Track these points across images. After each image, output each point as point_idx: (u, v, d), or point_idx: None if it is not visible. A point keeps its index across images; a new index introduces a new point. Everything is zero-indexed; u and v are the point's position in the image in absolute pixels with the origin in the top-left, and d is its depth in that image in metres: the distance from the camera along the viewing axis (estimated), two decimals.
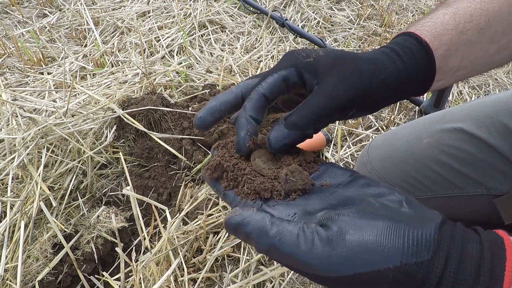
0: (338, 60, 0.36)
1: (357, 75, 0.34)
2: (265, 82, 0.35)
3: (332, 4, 1.62)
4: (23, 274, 0.69)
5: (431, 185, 0.67)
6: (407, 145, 0.70)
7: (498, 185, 0.60)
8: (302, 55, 0.37)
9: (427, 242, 0.25)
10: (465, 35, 0.38)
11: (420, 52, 0.36)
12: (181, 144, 0.91)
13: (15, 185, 0.77)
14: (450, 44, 0.37)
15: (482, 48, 0.39)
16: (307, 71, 0.35)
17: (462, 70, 0.39)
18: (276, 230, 0.27)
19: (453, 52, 0.38)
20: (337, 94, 0.34)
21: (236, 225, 0.28)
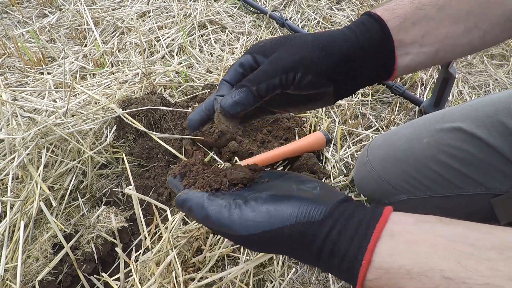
0: (284, 38, 0.39)
1: (298, 43, 0.38)
2: (227, 73, 0.41)
3: (332, 4, 1.62)
4: (23, 274, 0.69)
5: (430, 185, 0.67)
6: (407, 145, 0.70)
7: (497, 184, 0.60)
8: (256, 44, 0.42)
9: (320, 210, 0.32)
10: (421, 10, 0.39)
11: (371, 23, 0.38)
12: (181, 144, 0.91)
13: (15, 185, 0.77)
14: (405, 16, 0.39)
15: (445, 26, 0.39)
16: (259, 54, 0.40)
17: (428, 47, 0.40)
18: (209, 203, 0.35)
19: (410, 25, 0.39)
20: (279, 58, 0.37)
21: (182, 201, 0.37)
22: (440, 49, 0.41)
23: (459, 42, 0.41)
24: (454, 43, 0.41)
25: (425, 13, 0.39)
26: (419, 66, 0.41)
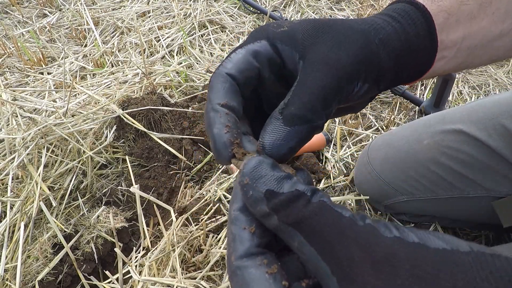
0: (321, 24, 0.28)
1: (351, 35, 0.27)
2: (229, 60, 0.27)
3: (332, 4, 1.62)
4: (23, 274, 0.69)
5: (431, 186, 0.67)
6: (407, 146, 0.70)
7: (498, 187, 0.60)
8: (273, 25, 0.29)
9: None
10: (465, 5, 0.33)
11: (418, 16, 0.31)
12: (181, 144, 0.91)
13: (15, 185, 0.77)
14: (449, 11, 0.32)
15: (484, 26, 0.34)
16: (283, 42, 0.27)
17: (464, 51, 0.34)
18: None
19: (454, 23, 0.33)
20: (338, 61, 0.25)
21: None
22: (472, 55, 0.35)
23: (492, 46, 0.36)
24: (487, 47, 0.36)
25: (469, 9, 0.33)
26: (443, 73, 0.36)
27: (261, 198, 0.21)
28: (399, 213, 0.82)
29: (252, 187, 0.21)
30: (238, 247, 0.21)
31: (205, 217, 0.79)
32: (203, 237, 0.75)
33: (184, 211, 0.81)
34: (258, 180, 0.21)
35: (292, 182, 0.21)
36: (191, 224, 0.78)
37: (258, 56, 0.27)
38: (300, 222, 0.19)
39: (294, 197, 0.20)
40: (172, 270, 0.71)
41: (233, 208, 0.23)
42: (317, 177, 0.90)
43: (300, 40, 0.27)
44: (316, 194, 0.21)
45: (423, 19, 0.31)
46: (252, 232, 0.21)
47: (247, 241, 0.21)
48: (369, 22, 0.29)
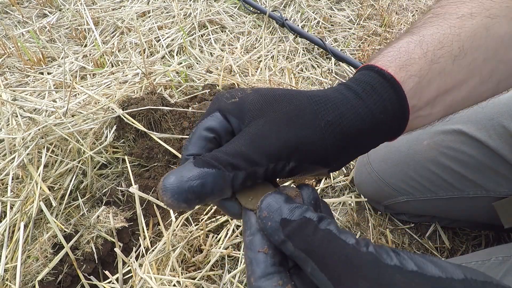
0: (270, 98, 0.29)
1: (293, 115, 0.27)
2: (188, 142, 0.29)
3: (332, 4, 1.62)
4: (23, 274, 0.69)
5: (430, 187, 0.67)
6: (407, 147, 0.70)
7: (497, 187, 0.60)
8: (226, 96, 0.31)
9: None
10: (436, 64, 0.32)
11: (386, 89, 0.29)
12: (181, 144, 0.91)
13: (15, 185, 0.77)
14: (420, 75, 0.31)
15: (461, 79, 0.33)
16: (231, 114, 0.29)
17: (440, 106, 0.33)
18: None
19: (426, 84, 0.31)
20: (265, 139, 0.26)
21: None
22: (452, 106, 0.34)
23: (472, 95, 0.35)
24: (467, 97, 0.34)
25: (440, 67, 0.32)
26: (422, 126, 0.34)
27: (278, 227, 0.23)
28: (399, 213, 0.82)
29: (270, 218, 0.24)
30: (255, 269, 0.23)
31: (205, 217, 0.79)
32: (203, 237, 0.75)
33: (184, 211, 0.81)
34: (274, 212, 0.24)
35: (302, 210, 0.24)
36: (191, 224, 0.78)
37: (212, 129, 0.29)
38: (310, 248, 0.22)
39: (303, 223, 0.23)
40: (172, 270, 0.71)
41: (247, 235, 0.25)
42: (317, 177, 0.90)
43: (246, 111, 0.29)
44: (323, 221, 0.23)
45: (392, 91, 0.29)
46: (265, 253, 0.24)
47: (262, 262, 0.23)
48: (323, 100, 0.28)
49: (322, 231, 0.22)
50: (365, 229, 0.83)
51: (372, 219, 0.84)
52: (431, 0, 1.75)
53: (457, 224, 0.81)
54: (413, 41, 0.32)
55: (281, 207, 0.24)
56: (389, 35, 1.45)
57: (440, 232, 0.82)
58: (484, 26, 0.33)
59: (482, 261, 0.53)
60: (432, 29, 0.33)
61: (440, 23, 0.34)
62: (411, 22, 1.55)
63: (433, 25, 0.34)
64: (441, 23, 0.34)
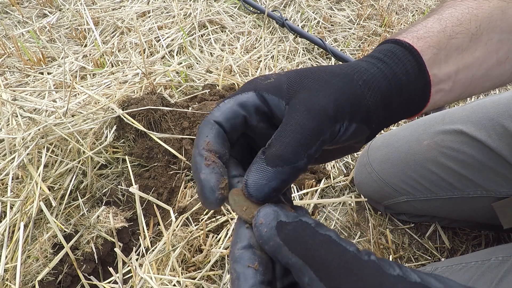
0: (305, 72, 0.30)
1: (332, 79, 0.28)
2: (217, 109, 0.28)
3: (332, 4, 1.62)
4: (23, 274, 0.69)
5: (431, 187, 0.67)
6: (407, 147, 0.70)
7: (497, 187, 0.60)
8: (261, 78, 0.31)
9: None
10: (454, 39, 0.33)
11: (405, 54, 0.31)
12: (181, 144, 0.91)
13: (15, 185, 0.77)
14: (438, 47, 0.32)
15: (478, 57, 0.34)
16: (270, 92, 0.29)
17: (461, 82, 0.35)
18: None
19: (443, 58, 0.33)
20: (317, 104, 0.27)
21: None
22: (472, 84, 0.35)
23: (491, 75, 0.36)
24: (486, 76, 0.36)
25: (458, 43, 0.33)
26: (446, 103, 0.36)
27: (274, 232, 0.22)
28: (399, 213, 0.82)
29: (266, 225, 0.23)
30: (242, 284, 0.22)
31: (205, 217, 0.79)
32: (203, 237, 0.75)
33: (184, 211, 0.81)
34: (270, 218, 0.23)
35: (298, 214, 0.23)
36: (191, 224, 0.78)
37: (245, 105, 0.28)
38: (308, 253, 0.21)
39: (300, 226, 0.22)
40: (172, 270, 0.71)
41: (237, 247, 0.24)
42: (317, 177, 0.90)
43: (286, 89, 0.29)
44: (321, 227, 0.22)
45: (411, 57, 0.31)
46: (255, 269, 0.22)
47: (250, 278, 0.22)
48: (353, 66, 0.30)
49: (321, 236, 0.21)
50: (365, 229, 0.83)
51: (372, 219, 0.84)
52: (431, 0, 1.75)
53: (457, 224, 0.81)
54: (431, 19, 0.34)
55: (278, 213, 0.23)
56: (389, 35, 1.45)
57: (440, 232, 0.82)
58: (500, 8, 0.35)
59: (482, 261, 0.53)
60: (450, 9, 0.35)
61: (458, 4, 0.35)
62: (411, 22, 1.55)
63: (452, 6, 0.35)
64: (459, 4, 0.35)
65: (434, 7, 1.70)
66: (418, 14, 1.63)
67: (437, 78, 0.33)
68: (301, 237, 0.21)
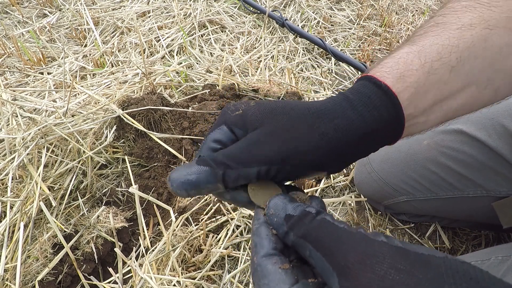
0: (270, 111, 0.32)
1: (289, 127, 0.30)
2: (200, 151, 0.33)
3: (332, 4, 1.62)
4: (23, 274, 0.69)
5: (430, 187, 0.67)
6: (407, 146, 0.70)
7: (497, 187, 0.60)
8: (231, 109, 0.34)
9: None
10: (434, 75, 0.33)
11: (382, 100, 0.31)
12: (181, 144, 0.91)
13: (15, 185, 0.77)
14: (417, 86, 0.32)
15: (458, 89, 0.34)
16: (236, 126, 0.33)
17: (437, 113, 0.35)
18: None
19: (422, 95, 0.33)
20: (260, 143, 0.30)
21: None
22: (448, 114, 0.35)
23: (469, 103, 0.36)
24: (463, 105, 0.35)
25: (437, 78, 0.33)
26: (418, 132, 0.36)
27: (282, 222, 0.28)
28: (399, 213, 0.82)
29: (276, 215, 0.28)
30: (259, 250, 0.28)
31: (205, 217, 0.79)
32: (203, 237, 0.75)
33: (184, 211, 0.81)
34: (280, 210, 0.28)
35: (304, 206, 0.28)
36: (191, 224, 0.78)
37: (220, 140, 0.33)
38: (308, 234, 0.26)
39: (303, 215, 0.27)
40: (172, 270, 0.71)
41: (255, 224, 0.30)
42: (317, 177, 0.90)
43: (248, 124, 0.32)
44: (321, 213, 0.27)
45: (387, 101, 0.31)
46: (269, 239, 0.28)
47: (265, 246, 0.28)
48: (318, 113, 0.31)
49: (318, 220, 0.26)
50: (365, 229, 0.83)
51: (372, 219, 0.84)
52: (431, 0, 1.75)
53: (457, 224, 0.81)
54: (412, 52, 0.34)
55: (286, 206, 0.28)
56: (389, 35, 1.45)
57: (440, 232, 0.82)
58: (483, 37, 0.34)
59: (482, 261, 0.53)
60: (432, 39, 0.35)
61: (440, 33, 0.35)
62: (413, 29, 1.55)
63: (433, 35, 0.35)
64: (441, 34, 0.35)
65: (434, 7, 1.70)
66: (418, 14, 1.63)
67: (412, 116, 0.33)
68: (303, 223, 0.26)
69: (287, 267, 0.26)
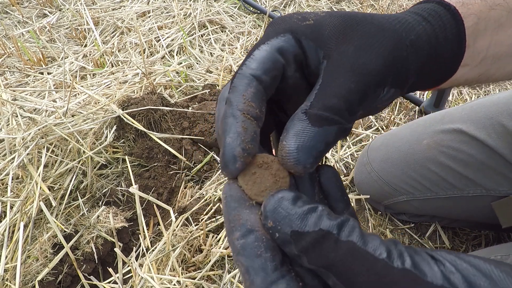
0: (351, 20, 0.25)
1: (382, 36, 0.25)
2: (252, 58, 0.24)
3: (332, 4, 1.62)
4: (23, 274, 0.69)
5: (430, 186, 0.67)
6: (407, 146, 0.70)
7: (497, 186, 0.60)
8: (297, 17, 0.26)
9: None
10: (494, 10, 0.31)
11: (448, 18, 0.28)
12: (181, 144, 0.91)
13: (15, 185, 0.77)
14: (479, 15, 0.30)
15: (510, 35, 0.32)
16: (308, 38, 0.25)
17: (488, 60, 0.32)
18: None
19: (482, 30, 0.30)
20: (364, 66, 0.23)
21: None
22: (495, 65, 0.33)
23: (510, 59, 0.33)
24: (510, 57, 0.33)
25: (497, 16, 0.31)
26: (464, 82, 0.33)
27: (289, 240, 0.19)
28: (399, 213, 0.82)
29: (277, 229, 0.20)
30: (254, 279, 0.19)
31: (205, 217, 0.79)
32: (203, 237, 0.75)
33: (184, 211, 0.81)
34: (282, 221, 0.20)
35: (317, 217, 0.19)
36: (191, 224, 0.78)
37: (284, 52, 0.24)
38: (332, 266, 0.18)
39: (320, 237, 0.19)
40: (172, 270, 0.71)
41: (235, 237, 0.21)
42: None
43: (326, 36, 0.25)
44: (344, 229, 0.19)
45: (454, 22, 0.28)
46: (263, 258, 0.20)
47: (261, 270, 0.19)
48: (401, 21, 0.26)
49: (344, 244, 0.18)
50: (365, 229, 0.83)
51: (372, 219, 0.84)
52: None
53: (457, 224, 0.81)
54: None
55: (290, 215, 0.19)
56: None
57: (440, 232, 0.82)
58: None
59: None
60: None
61: None
62: None
63: None
64: None
65: None
66: None
67: (469, 51, 0.30)
68: (322, 250, 0.18)
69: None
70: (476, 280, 0.16)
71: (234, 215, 0.21)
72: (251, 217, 0.21)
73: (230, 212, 0.21)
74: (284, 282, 0.19)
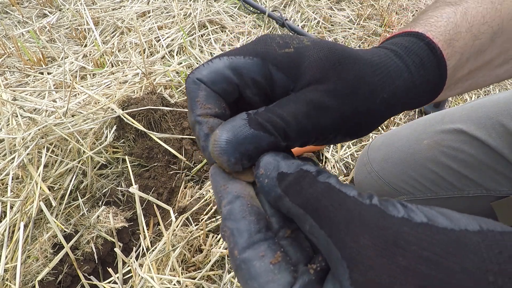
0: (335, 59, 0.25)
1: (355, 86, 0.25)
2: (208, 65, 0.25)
3: (332, 4, 1.62)
4: (23, 274, 0.69)
5: (430, 186, 0.67)
6: (407, 146, 0.70)
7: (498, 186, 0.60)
8: (278, 41, 0.25)
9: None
10: (478, 40, 0.30)
11: (433, 66, 0.28)
12: (181, 144, 0.91)
13: (15, 185, 0.77)
14: (462, 51, 0.30)
15: (491, 59, 0.32)
16: (281, 68, 0.24)
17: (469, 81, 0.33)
18: None
19: (464, 61, 0.30)
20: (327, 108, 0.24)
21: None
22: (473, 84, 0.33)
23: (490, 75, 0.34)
24: (487, 75, 0.34)
25: (479, 44, 0.31)
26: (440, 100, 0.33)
27: (275, 183, 0.21)
28: None
29: (267, 175, 0.22)
30: (238, 240, 0.20)
31: (205, 217, 0.79)
32: (203, 237, 0.75)
33: (184, 211, 0.81)
34: (272, 168, 0.22)
35: (300, 163, 0.21)
36: (191, 224, 0.78)
37: (240, 73, 0.25)
38: (308, 202, 0.20)
39: (301, 176, 0.20)
40: (172, 270, 0.71)
41: (223, 205, 0.22)
42: None
43: (304, 68, 0.24)
44: (322, 174, 0.20)
45: (437, 71, 0.28)
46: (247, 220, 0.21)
47: (245, 231, 0.21)
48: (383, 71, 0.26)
49: (320, 184, 0.20)
50: None
51: None
52: (431, 0, 1.74)
53: None
54: (459, 12, 0.31)
55: (279, 163, 0.22)
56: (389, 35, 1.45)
57: None
58: None
59: None
60: (474, 2, 0.32)
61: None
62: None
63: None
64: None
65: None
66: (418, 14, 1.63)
67: (449, 83, 0.30)
68: (301, 187, 0.20)
69: (279, 258, 0.20)
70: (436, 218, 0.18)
71: (221, 185, 0.23)
72: (237, 185, 0.23)
73: (217, 185, 0.23)
74: (265, 243, 0.20)
